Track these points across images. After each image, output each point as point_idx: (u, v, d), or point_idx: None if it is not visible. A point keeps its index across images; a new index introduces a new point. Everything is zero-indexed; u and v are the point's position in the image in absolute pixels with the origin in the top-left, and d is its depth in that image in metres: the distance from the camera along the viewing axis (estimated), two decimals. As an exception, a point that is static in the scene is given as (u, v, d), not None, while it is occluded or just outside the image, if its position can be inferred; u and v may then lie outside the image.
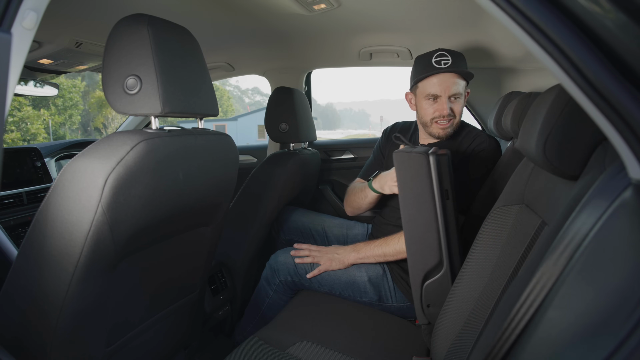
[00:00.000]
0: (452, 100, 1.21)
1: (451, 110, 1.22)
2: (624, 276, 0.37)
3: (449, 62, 1.18)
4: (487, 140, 1.23)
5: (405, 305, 1.23)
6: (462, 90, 1.21)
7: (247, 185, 1.48)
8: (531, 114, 0.67)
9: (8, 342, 0.68)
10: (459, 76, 1.20)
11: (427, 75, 1.21)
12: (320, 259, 1.25)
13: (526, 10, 0.43)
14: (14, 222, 1.31)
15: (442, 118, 1.22)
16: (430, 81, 1.21)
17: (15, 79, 0.48)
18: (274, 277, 1.30)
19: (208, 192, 0.87)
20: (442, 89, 1.20)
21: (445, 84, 1.20)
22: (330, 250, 1.27)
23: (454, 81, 1.19)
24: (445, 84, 1.20)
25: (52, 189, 0.64)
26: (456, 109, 1.22)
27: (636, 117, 0.40)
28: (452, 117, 1.23)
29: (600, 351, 0.34)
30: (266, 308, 1.33)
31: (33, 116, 16.08)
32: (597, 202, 0.45)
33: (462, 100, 1.23)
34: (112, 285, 0.73)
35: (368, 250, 1.23)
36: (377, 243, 1.23)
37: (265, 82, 2.06)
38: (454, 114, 1.23)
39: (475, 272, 0.89)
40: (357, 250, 1.25)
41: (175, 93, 0.73)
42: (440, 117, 1.22)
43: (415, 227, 0.97)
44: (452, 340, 0.86)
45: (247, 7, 1.28)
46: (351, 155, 2.03)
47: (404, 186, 0.97)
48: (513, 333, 0.47)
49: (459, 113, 1.23)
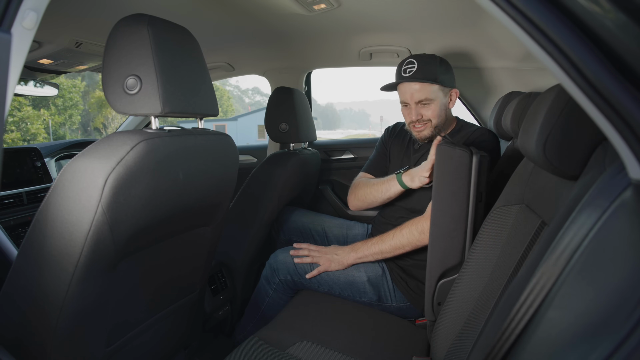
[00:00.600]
0: (420, 106, 1.23)
1: (421, 115, 1.23)
2: (624, 276, 0.37)
3: (413, 69, 1.19)
4: (487, 133, 1.23)
5: (405, 305, 1.23)
6: (430, 95, 1.21)
7: (247, 185, 1.48)
8: (531, 114, 0.67)
9: (8, 342, 0.68)
10: (423, 82, 1.20)
11: (395, 85, 1.25)
12: (320, 260, 1.25)
13: (526, 10, 0.43)
14: (14, 222, 1.32)
15: (415, 123, 1.25)
16: (400, 90, 1.25)
17: (15, 79, 0.48)
18: (274, 276, 1.30)
19: (208, 192, 0.87)
20: (408, 97, 1.22)
21: (409, 92, 1.22)
22: (330, 251, 1.27)
23: (416, 88, 1.20)
24: (409, 92, 1.22)
25: (52, 189, 0.64)
26: (427, 113, 1.23)
27: (636, 117, 0.40)
28: (427, 121, 1.24)
29: (600, 351, 0.34)
30: (266, 307, 1.33)
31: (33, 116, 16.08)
32: (597, 202, 0.45)
33: (434, 104, 1.22)
34: (112, 285, 0.73)
35: (366, 249, 1.24)
36: (373, 241, 1.24)
37: (265, 82, 2.06)
38: (427, 118, 1.23)
39: (475, 272, 0.89)
40: (355, 250, 1.25)
41: (175, 93, 0.73)
42: (411, 122, 1.25)
43: (444, 223, 0.97)
44: (452, 340, 0.86)
45: (247, 7, 1.28)
46: (351, 155, 2.03)
47: (440, 180, 0.97)
48: (513, 333, 0.47)
49: (434, 116, 1.23)
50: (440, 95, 1.22)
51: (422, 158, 1.29)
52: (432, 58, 1.22)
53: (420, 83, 1.20)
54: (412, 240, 1.18)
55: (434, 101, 1.22)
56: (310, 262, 1.26)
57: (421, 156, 1.30)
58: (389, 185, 1.28)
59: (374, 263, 1.26)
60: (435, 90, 1.21)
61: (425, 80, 1.19)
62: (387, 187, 1.28)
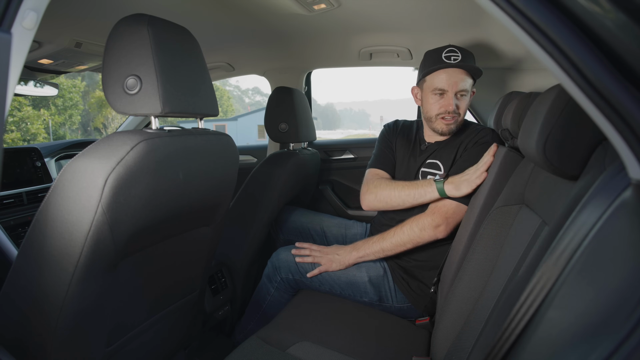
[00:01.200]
0: (458, 97, 1.20)
1: (456, 107, 1.20)
2: (624, 276, 0.37)
3: (458, 58, 1.17)
4: (490, 133, 1.22)
5: (406, 305, 1.23)
6: (469, 87, 1.20)
7: (247, 185, 1.48)
8: (531, 114, 0.67)
9: (8, 342, 0.68)
10: (467, 73, 1.19)
11: (436, 69, 1.20)
12: (321, 260, 1.25)
13: (526, 10, 0.43)
14: (14, 222, 1.31)
15: (447, 114, 1.21)
16: (439, 76, 1.20)
17: (15, 79, 0.48)
18: (276, 274, 1.30)
19: (208, 192, 0.87)
20: (450, 84, 1.19)
21: (453, 79, 1.18)
22: (331, 251, 1.27)
23: (461, 77, 1.18)
24: (453, 80, 1.18)
25: (52, 189, 0.64)
26: (461, 106, 1.21)
27: (636, 117, 0.40)
28: (457, 115, 1.21)
29: (600, 351, 0.34)
30: (267, 306, 1.33)
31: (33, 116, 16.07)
32: (597, 202, 0.45)
33: (467, 98, 1.22)
34: (112, 285, 0.73)
35: (367, 247, 1.23)
36: (374, 239, 1.23)
37: (265, 82, 2.06)
38: (459, 112, 1.21)
39: (476, 272, 0.90)
40: (357, 249, 1.25)
41: (175, 93, 0.73)
42: (446, 112, 1.21)
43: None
44: (452, 340, 0.86)
45: (247, 7, 1.28)
46: (351, 155, 2.03)
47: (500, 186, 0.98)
48: (513, 333, 0.47)
49: (464, 111, 1.22)
50: (470, 92, 1.23)
51: (429, 159, 1.28)
52: (471, 53, 1.22)
53: (465, 72, 1.18)
54: (412, 237, 1.17)
55: (468, 95, 1.22)
56: (311, 262, 1.26)
57: (427, 157, 1.29)
58: (424, 192, 1.19)
59: (375, 263, 1.26)
60: (471, 85, 1.22)
61: (473, 71, 1.18)
62: (422, 193, 1.19)
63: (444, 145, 1.28)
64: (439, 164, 1.26)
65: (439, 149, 1.28)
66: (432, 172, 1.26)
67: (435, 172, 1.26)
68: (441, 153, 1.27)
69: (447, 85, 1.19)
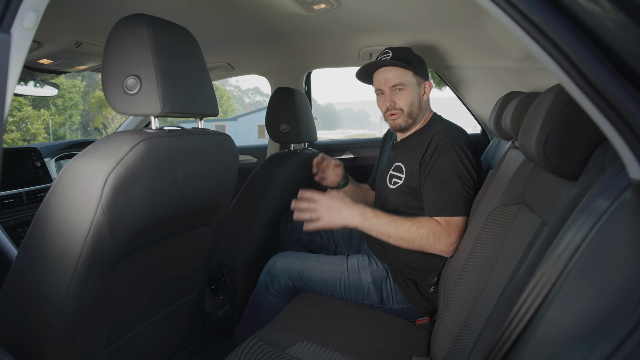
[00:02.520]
0: (394, 93, 1.22)
1: (394, 102, 1.22)
2: (623, 276, 0.37)
3: (388, 57, 1.20)
4: (449, 134, 1.15)
5: (406, 306, 1.23)
6: (403, 80, 1.20)
7: (247, 185, 1.48)
8: (531, 114, 0.67)
9: (8, 342, 0.68)
10: (398, 69, 1.20)
11: (372, 73, 1.26)
12: (321, 213, 1.13)
13: (526, 10, 0.43)
14: (14, 222, 1.32)
15: (387, 111, 1.24)
16: (375, 78, 1.26)
17: (15, 79, 0.48)
18: (273, 282, 1.29)
19: (208, 192, 0.87)
20: (382, 82, 1.22)
21: (383, 77, 1.22)
22: (333, 206, 1.13)
23: (391, 73, 1.20)
24: (383, 77, 1.22)
25: (52, 189, 0.64)
26: (399, 101, 1.21)
27: (636, 117, 0.40)
28: (399, 110, 1.22)
29: (600, 351, 0.34)
30: (265, 312, 1.32)
31: (33, 116, 16.07)
32: (597, 203, 0.45)
33: (407, 92, 1.21)
34: (112, 285, 0.73)
35: (375, 224, 1.12)
36: (386, 220, 1.11)
37: (265, 82, 2.06)
38: (399, 107, 1.22)
39: (476, 272, 0.89)
40: (364, 217, 1.12)
41: (175, 93, 0.73)
42: (386, 109, 1.24)
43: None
44: (452, 340, 0.86)
45: (247, 7, 1.28)
46: (351, 155, 2.03)
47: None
48: (513, 333, 0.47)
49: (406, 104, 1.21)
50: (413, 84, 1.22)
51: (395, 157, 1.28)
52: (407, 48, 1.24)
53: (394, 68, 1.20)
54: (423, 243, 1.09)
55: (407, 88, 1.21)
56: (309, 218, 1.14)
57: (395, 155, 1.29)
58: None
59: (378, 266, 1.25)
60: (409, 78, 1.21)
61: (398, 64, 1.19)
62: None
63: (409, 144, 1.26)
64: (402, 167, 1.24)
65: (404, 147, 1.27)
66: (396, 174, 1.26)
67: (398, 175, 1.25)
68: (405, 153, 1.25)
69: (381, 84, 1.24)
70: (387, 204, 1.28)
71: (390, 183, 1.26)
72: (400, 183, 1.23)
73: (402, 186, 1.22)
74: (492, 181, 1.05)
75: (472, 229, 1.01)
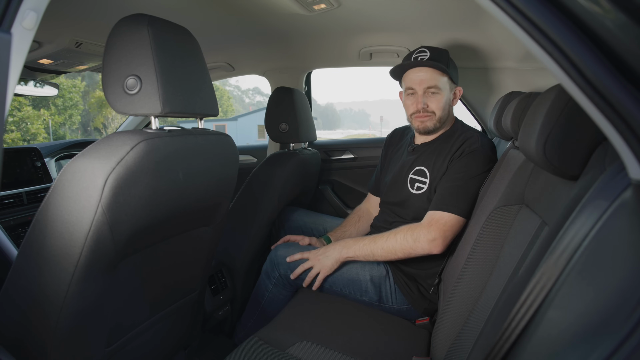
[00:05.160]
0: (428, 95, 1.21)
1: (426, 104, 1.21)
2: (624, 276, 0.37)
3: (426, 56, 1.19)
4: (479, 140, 1.20)
5: (405, 307, 1.23)
6: (439, 84, 1.20)
7: (247, 185, 1.48)
8: (531, 114, 0.67)
9: (8, 342, 0.68)
10: (435, 70, 1.19)
11: (405, 70, 1.23)
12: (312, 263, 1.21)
13: (526, 10, 0.43)
14: (14, 222, 1.31)
15: (418, 112, 1.22)
16: (408, 76, 1.23)
17: (15, 79, 0.48)
18: (274, 270, 1.29)
19: (208, 192, 0.87)
20: (416, 82, 1.21)
21: (419, 77, 1.20)
22: (321, 252, 1.22)
23: (428, 75, 1.19)
24: (419, 78, 1.20)
25: (52, 189, 0.64)
26: (432, 104, 1.21)
27: (636, 117, 0.40)
28: (430, 113, 1.22)
29: (601, 351, 0.34)
30: (266, 303, 1.32)
31: (33, 116, 16.08)
32: (597, 202, 0.45)
33: (440, 96, 1.21)
34: (112, 285, 0.73)
35: (357, 248, 1.19)
36: (366, 241, 1.18)
37: (265, 82, 2.06)
38: (431, 109, 1.21)
39: (476, 272, 0.89)
40: (347, 247, 1.20)
41: (175, 93, 0.73)
42: (417, 111, 1.23)
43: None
44: (452, 340, 0.86)
45: (247, 7, 1.28)
46: (351, 155, 2.03)
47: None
48: (513, 333, 0.47)
49: (439, 108, 1.21)
50: (447, 89, 1.22)
51: (416, 161, 1.27)
52: (444, 51, 1.22)
53: (432, 70, 1.19)
54: (405, 247, 1.13)
55: (441, 92, 1.21)
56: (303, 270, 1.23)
57: (415, 160, 1.28)
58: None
59: (379, 264, 1.25)
60: (444, 82, 1.21)
61: (437, 67, 1.18)
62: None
63: (432, 148, 1.27)
64: (425, 171, 1.24)
65: (426, 152, 1.27)
66: (419, 179, 1.25)
67: (422, 180, 1.24)
68: (428, 157, 1.25)
69: (414, 84, 1.21)
70: (406, 208, 1.27)
71: (413, 188, 1.25)
72: (425, 188, 1.23)
73: (428, 191, 1.22)
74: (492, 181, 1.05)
75: (472, 229, 1.01)
